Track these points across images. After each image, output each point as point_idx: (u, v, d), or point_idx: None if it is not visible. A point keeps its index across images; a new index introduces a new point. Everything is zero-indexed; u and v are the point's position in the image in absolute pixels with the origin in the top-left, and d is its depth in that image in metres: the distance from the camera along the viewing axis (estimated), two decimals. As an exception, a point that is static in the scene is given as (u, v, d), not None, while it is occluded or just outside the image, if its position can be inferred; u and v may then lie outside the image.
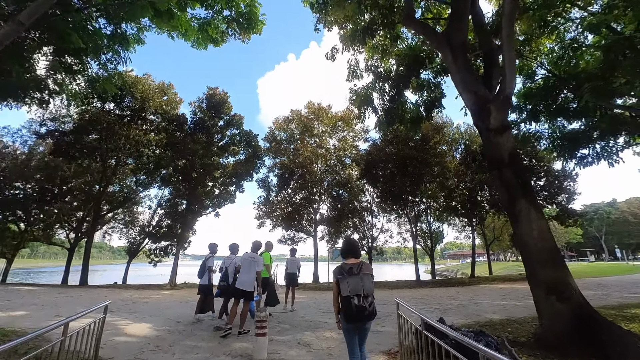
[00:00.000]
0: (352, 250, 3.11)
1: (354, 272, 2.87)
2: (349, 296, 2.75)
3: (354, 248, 3.15)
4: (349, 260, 3.04)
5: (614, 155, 12.79)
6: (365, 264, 3.01)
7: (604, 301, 8.34)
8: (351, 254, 3.08)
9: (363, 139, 21.10)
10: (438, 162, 17.63)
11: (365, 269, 2.95)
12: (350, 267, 2.93)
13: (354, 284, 2.80)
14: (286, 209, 18.74)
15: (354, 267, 2.92)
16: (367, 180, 19.50)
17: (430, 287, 14.08)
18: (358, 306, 2.71)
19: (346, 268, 2.93)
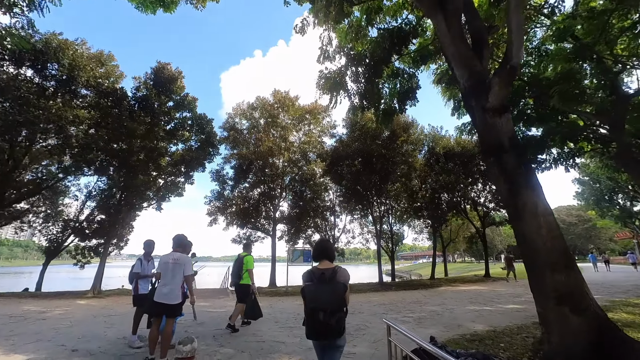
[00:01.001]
0: (326, 252, 2.64)
1: (325, 280, 2.40)
2: (315, 309, 2.28)
3: (327, 250, 2.66)
4: (322, 265, 2.57)
5: (570, 160, 13.39)
6: (341, 270, 2.51)
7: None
8: (324, 257, 2.61)
9: (329, 134, 20.11)
10: (405, 161, 17.23)
11: (340, 276, 2.45)
12: (322, 272, 2.45)
13: (322, 295, 2.33)
14: (242, 205, 16.92)
15: (327, 273, 2.44)
16: (332, 177, 18.50)
17: (394, 289, 13.42)
18: (322, 323, 2.25)
19: (317, 274, 2.45)
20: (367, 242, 23.26)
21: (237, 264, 5.93)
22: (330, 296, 2.31)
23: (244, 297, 5.73)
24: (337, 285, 2.37)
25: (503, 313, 7.19)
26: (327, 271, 2.46)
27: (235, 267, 5.97)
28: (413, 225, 29.71)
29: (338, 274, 2.46)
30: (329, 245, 2.79)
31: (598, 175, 23.82)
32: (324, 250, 2.66)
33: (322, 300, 2.29)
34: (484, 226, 22.11)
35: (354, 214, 22.54)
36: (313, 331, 2.31)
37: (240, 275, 5.79)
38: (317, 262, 2.65)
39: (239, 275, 5.80)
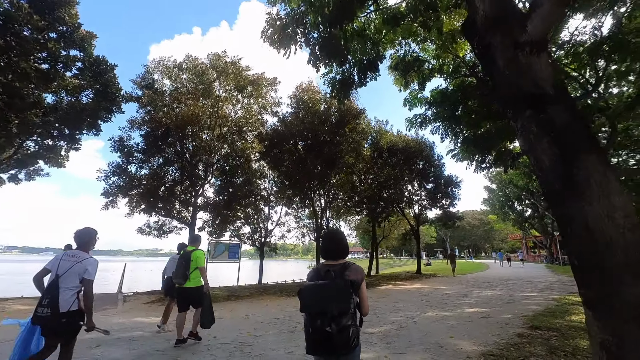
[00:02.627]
0: (335, 248, 2.04)
1: (332, 277, 1.87)
2: (312, 313, 1.78)
3: (338, 244, 2.06)
4: (329, 261, 2.02)
5: (509, 160, 13.75)
6: (353, 267, 1.97)
7: (535, 301, 7.64)
8: (333, 255, 2.02)
9: (272, 112, 17.62)
10: (354, 149, 15.92)
11: (351, 272, 1.92)
12: (327, 269, 1.92)
13: (323, 294, 1.79)
14: (153, 185, 13.23)
15: (334, 270, 1.91)
16: (270, 161, 16.11)
17: (334, 290, 11.85)
18: (320, 330, 1.73)
19: (322, 271, 1.94)
20: (303, 237, 21.54)
21: (183, 261, 4.74)
22: (333, 296, 1.78)
23: (195, 303, 4.72)
24: (345, 283, 1.82)
25: (471, 320, 6.06)
26: (335, 267, 1.94)
27: (179, 265, 4.76)
28: (349, 221, 29.28)
29: (348, 270, 1.93)
30: (341, 238, 2.11)
31: (511, 181, 26.77)
32: (335, 244, 2.06)
33: (321, 301, 1.77)
34: (418, 224, 22.58)
35: (292, 205, 20.54)
36: (310, 343, 1.80)
37: (187, 276, 4.66)
38: (325, 259, 2.06)
39: (185, 276, 4.66)
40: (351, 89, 9.70)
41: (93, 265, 2.87)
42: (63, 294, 2.69)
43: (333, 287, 1.82)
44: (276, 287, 13.20)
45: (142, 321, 6.49)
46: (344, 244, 2.09)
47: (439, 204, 22.03)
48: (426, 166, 21.17)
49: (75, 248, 3.01)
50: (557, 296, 9.04)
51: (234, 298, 9.46)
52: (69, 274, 2.76)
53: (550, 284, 12.45)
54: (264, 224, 21.50)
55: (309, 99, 15.87)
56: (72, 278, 2.76)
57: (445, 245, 69.38)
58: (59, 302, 2.65)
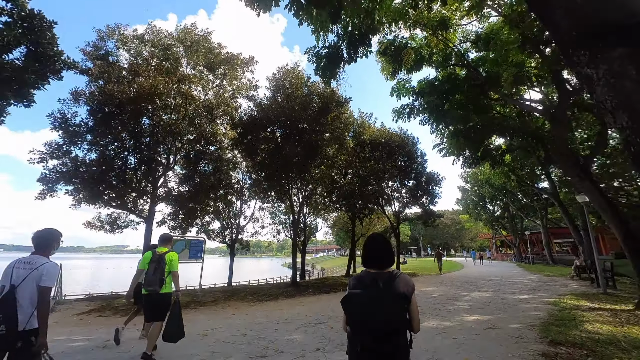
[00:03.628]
0: (384, 255, 1.80)
1: (380, 287, 1.66)
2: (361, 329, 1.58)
3: (386, 253, 1.80)
4: (374, 269, 1.77)
5: (498, 157, 13.26)
6: (401, 277, 1.74)
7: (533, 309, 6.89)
8: (380, 262, 1.78)
9: (247, 96, 16.00)
10: (337, 138, 14.76)
11: (401, 284, 1.68)
12: (374, 277, 1.71)
13: (373, 308, 1.57)
14: (102, 170, 11.22)
15: (380, 279, 1.69)
16: (244, 149, 14.56)
17: (312, 293, 10.62)
18: (372, 351, 1.54)
19: (367, 279, 1.72)
20: (278, 234, 20.15)
21: (157, 265, 4.14)
22: (385, 310, 1.58)
23: (164, 311, 4.06)
24: (395, 296, 1.62)
25: (477, 333, 5.11)
26: (381, 276, 1.72)
27: (152, 268, 4.13)
28: (326, 218, 28.24)
29: (397, 280, 1.70)
30: (388, 243, 1.87)
31: (488, 180, 27.03)
32: (382, 250, 1.81)
33: (372, 316, 1.56)
34: (398, 222, 21.97)
35: (267, 200, 19.07)
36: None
37: (163, 281, 4.10)
38: (369, 266, 1.80)
39: (162, 282, 4.09)
40: (339, 66, 8.53)
41: (51, 271, 2.49)
42: (22, 308, 2.33)
43: (386, 300, 1.59)
44: (247, 289, 11.76)
45: (58, 341, 4.88)
46: (391, 251, 1.84)
47: (420, 201, 21.55)
48: (408, 162, 20.56)
49: (33, 252, 2.61)
50: (550, 298, 8.47)
51: (194, 305, 7.95)
52: (26, 283, 2.40)
53: (533, 284, 12.09)
54: (236, 219, 19.85)
55: (290, 83, 14.47)
56: (30, 289, 2.41)
57: (418, 244, 70.77)
58: (17, 318, 2.28)
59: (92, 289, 12.69)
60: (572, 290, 10.08)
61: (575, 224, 17.02)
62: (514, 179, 20.90)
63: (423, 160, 20.92)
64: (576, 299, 8.13)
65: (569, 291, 9.71)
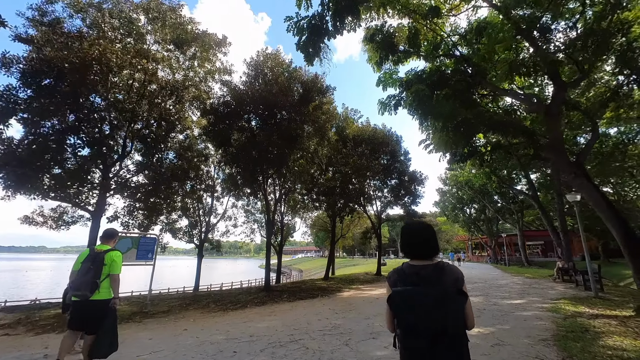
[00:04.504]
0: (428, 244, 1.53)
1: (426, 282, 1.42)
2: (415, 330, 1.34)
3: (430, 240, 1.54)
4: (415, 261, 1.52)
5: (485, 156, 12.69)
6: (449, 267, 1.48)
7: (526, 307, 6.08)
8: (424, 252, 1.52)
9: (221, 81, 14.52)
10: (318, 129, 13.65)
11: (450, 276, 1.44)
12: (417, 271, 1.46)
13: (427, 306, 1.33)
14: (32, 150, 9.36)
15: (426, 272, 1.45)
16: (214, 139, 13.08)
17: (286, 299, 9.39)
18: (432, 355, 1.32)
19: (411, 273, 1.46)
20: (252, 233, 18.73)
21: (91, 264, 3.38)
22: (441, 308, 1.32)
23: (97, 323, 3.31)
24: (448, 291, 1.37)
25: (487, 353, 4.16)
26: (426, 269, 1.46)
27: (85, 270, 3.34)
28: (305, 218, 27.09)
29: (445, 272, 1.45)
30: (432, 229, 1.59)
31: (468, 182, 27.02)
32: (426, 237, 1.54)
33: (427, 315, 1.32)
34: (380, 222, 21.21)
35: (241, 196, 17.61)
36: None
37: (97, 285, 3.33)
38: (412, 257, 1.54)
39: (94, 285, 3.31)
40: (323, 40, 7.48)
41: None
42: None
43: (442, 296, 1.34)
44: (212, 296, 10.34)
45: None
46: (435, 237, 1.56)
47: (402, 201, 20.91)
48: (391, 161, 19.84)
49: None
50: (545, 304, 7.82)
51: (139, 318, 6.49)
52: None
53: (519, 287, 11.59)
54: (207, 216, 18.20)
55: (270, 69, 13.23)
56: None
57: (396, 246, 71.14)
58: None
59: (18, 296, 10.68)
60: (562, 293, 9.57)
61: (554, 226, 17.01)
62: (495, 180, 20.79)
63: (406, 158, 20.31)
64: (572, 304, 7.51)
65: (560, 295, 9.17)
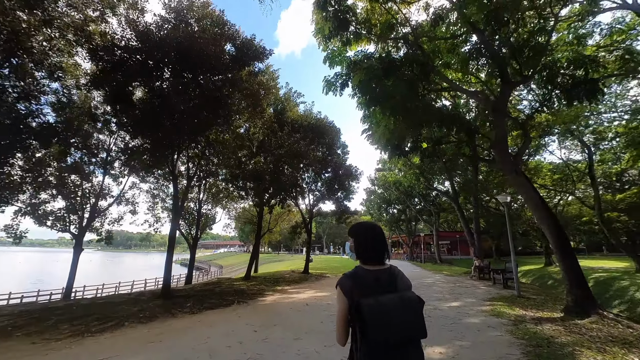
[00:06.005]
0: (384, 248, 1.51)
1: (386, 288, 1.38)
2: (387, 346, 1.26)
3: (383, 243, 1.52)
4: (370, 265, 1.46)
5: (426, 152, 12.34)
6: (401, 273, 1.50)
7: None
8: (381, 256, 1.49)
9: (127, 20, 10.84)
10: (251, 104, 11.38)
11: (404, 282, 1.46)
12: (376, 277, 1.41)
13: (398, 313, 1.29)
14: None
15: (384, 279, 1.41)
16: (110, 95, 9.66)
17: (189, 311, 7.03)
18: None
19: (369, 279, 1.40)
20: (158, 222, 15.26)
21: None
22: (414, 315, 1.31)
23: None
24: (408, 296, 1.35)
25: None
26: (382, 274, 1.43)
27: None
28: (228, 208, 24.16)
29: (399, 277, 1.46)
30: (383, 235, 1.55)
31: (396, 182, 27.94)
32: (383, 242, 1.52)
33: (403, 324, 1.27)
34: (311, 216, 19.89)
35: (146, 176, 14.05)
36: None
37: None
38: (367, 261, 1.47)
39: None
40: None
41: None
42: None
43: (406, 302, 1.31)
44: (72, 308, 7.24)
45: None
46: (384, 242, 1.53)
47: (335, 196, 20.03)
48: (328, 152, 18.71)
49: None
50: (482, 306, 7.40)
51: None
52: None
53: (447, 285, 11.55)
54: (99, 199, 13.96)
55: (196, 20, 10.43)
56: None
57: (322, 242, 72.16)
58: None
59: None
60: (488, 292, 9.60)
61: (470, 227, 18.37)
62: (423, 181, 21.66)
63: (344, 152, 19.48)
64: (508, 306, 7.22)
65: (488, 294, 9.10)
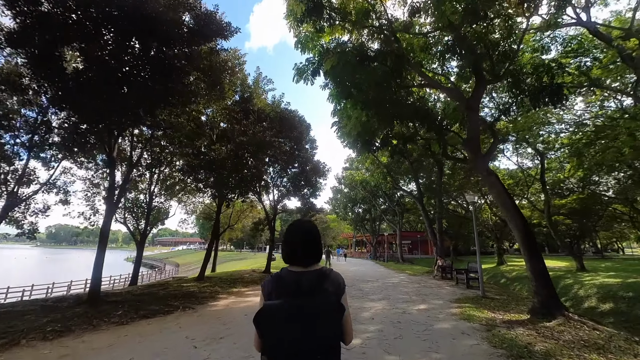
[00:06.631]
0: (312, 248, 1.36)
1: (308, 292, 1.25)
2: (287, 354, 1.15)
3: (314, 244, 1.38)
4: (296, 266, 1.34)
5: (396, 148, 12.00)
6: (333, 275, 1.34)
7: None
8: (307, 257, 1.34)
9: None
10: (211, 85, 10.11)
11: (332, 283, 1.31)
12: (298, 279, 1.29)
13: (302, 322, 1.16)
14: None
15: (308, 281, 1.28)
16: (30, 58, 7.88)
17: (117, 321, 5.77)
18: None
19: (290, 282, 1.28)
20: (96, 214, 13.26)
21: None
22: (324, 323, 1.18)
23: None
24: (331, 302, 1.22)
25: None
26: (309, 276, 1.30)
27: None
28: (186, 203, 22.25)
29: (329, 280, 1.31)
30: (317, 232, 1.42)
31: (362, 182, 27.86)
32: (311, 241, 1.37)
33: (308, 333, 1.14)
34: (275, 213, 18.87)
35: (81, 159, 12.07)
36: None
37: None
38: (292, 262, 1.34)
39: None
40: None
41: None
42: None
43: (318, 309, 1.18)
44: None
45: None
46: (320, 241, 1.40)
47: (301, 192, 19.22)
48: (296, 147, 17.82)
49: None
50: (450, 308, 7.09)
51: None
52: None
53: (412, 285, 11.32)
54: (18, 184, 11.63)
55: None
56: None
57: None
58: None
59: None
60: (452, 293, 9.45)
61: (433, 227, 18.65)
62: (390, 181, 21.70)
63: (313, 147, 18.72)
64: (476, 309, 6.96)
65: (453, 295, 8.90)
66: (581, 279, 12.52)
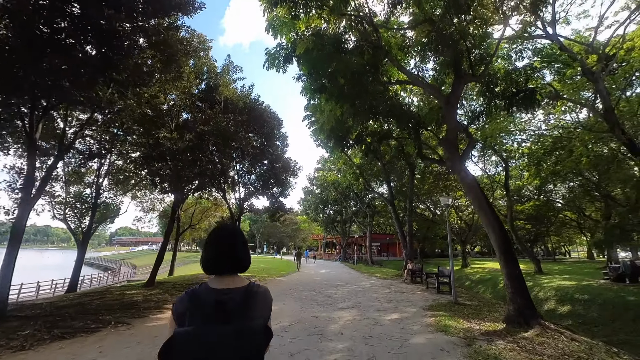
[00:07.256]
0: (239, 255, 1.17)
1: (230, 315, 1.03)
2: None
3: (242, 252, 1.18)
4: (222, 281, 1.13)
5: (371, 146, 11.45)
6: (261, 292, 1.15)
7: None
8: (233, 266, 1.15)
9: None
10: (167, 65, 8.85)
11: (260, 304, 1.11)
12: (221, 299, 1.06)
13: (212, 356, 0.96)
14: None
15: (232, 302, 1.06)
16: None
17: (22, 344, 4.47)
18: None
19: (210, 302, 1.05)
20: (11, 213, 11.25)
21: None
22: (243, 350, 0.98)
23: None
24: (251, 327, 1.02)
25: None
26: (235, 293, 1.08)
27: None
28: (141, 199, 20.27)
29: (257, 300, 1.11)
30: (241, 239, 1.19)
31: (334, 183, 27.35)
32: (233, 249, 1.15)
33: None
34: (241, 212, 17.62)
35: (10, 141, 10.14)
36: None
37: None
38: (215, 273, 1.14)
39: None
40: None
41: None
42: None
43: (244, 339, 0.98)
44: None
45: None
46: (248, 249, 1.21)
47: (270, 191, 18.19)
48: (266, 143, 16.78)
49: None
50: (425, 317, 6.58)
51: None
52: None
53: (383, 291, 10.81)
54: None
55: None
56: None
57: (255, 241, 68.88)
58: None
59: None
60: (424, 299, 9.03)
61: (403, 229, 18.54)
62: (362, 182, 21.36)
63: (284, 144, 17.77)
64: (451, 318, 6.51)
65: (428, 303, 8.44)
66: (540, 281, 12.87)
